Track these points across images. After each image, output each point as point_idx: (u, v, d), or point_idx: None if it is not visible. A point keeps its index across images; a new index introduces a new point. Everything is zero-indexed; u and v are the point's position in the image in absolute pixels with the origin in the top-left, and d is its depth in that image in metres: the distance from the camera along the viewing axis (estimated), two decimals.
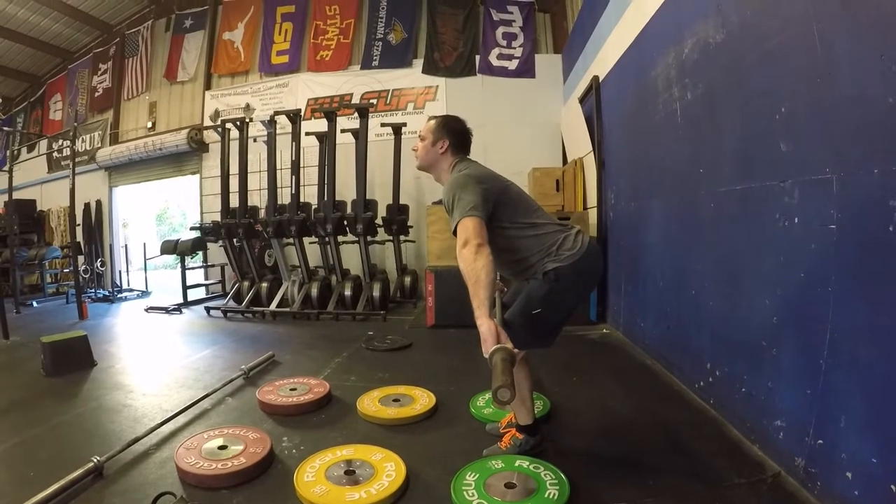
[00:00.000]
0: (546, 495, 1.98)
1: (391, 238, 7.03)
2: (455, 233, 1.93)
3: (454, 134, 2.26)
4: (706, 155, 2.96)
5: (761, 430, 2.31)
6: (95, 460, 2.23)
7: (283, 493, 2.10)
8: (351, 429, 2.77)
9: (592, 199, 5.64)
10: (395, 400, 3.05)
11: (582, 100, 6.06)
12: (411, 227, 7.23)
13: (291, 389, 3.23)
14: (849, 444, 1.75)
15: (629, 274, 4.59)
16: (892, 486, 1.54)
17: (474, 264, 1.77)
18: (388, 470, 2.17)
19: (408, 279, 7.27)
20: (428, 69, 8.27)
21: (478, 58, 8.21)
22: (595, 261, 2.18)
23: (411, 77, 8.33)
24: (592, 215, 5.53)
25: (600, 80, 5.36)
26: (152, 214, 18.87)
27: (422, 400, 3.04)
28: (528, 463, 2.21)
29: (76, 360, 4.07)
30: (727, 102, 2.68)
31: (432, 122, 2.32)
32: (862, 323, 1.73)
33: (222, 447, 2.39)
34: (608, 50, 4.99)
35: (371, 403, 3.01)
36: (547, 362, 3.62)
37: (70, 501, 2.04)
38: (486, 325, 1.66)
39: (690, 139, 3.19)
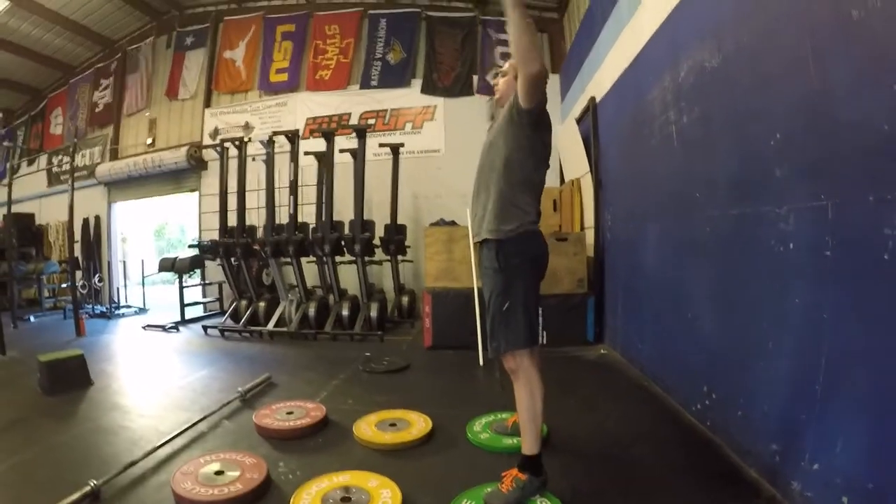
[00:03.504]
0: None
1: (389, 258, 7.04)
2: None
3: None
4: (702, 178, 2.99)
5: (757, 454, 2.31)
6: (92, 484, 2.23)
7: None
8: (347, 454, 2.76)
9: (589, 220, 5.67)
10: (392, 424, 3.04)
11: (579, 120, 6.11)
12: (409, 247, 7.23)
13: (288, 413, 3.21)
14: (845, 468, 1.75)
15: (626, 295, 4.60)
16: None
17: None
18: (384, 497, 2.16)
19: (405, 299, 7.26)
20: (426, 89, 8.36)
21: (475, 78, 8.30)
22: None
23: (410, 97, 8.42)
24: (590, 236, 5.56)
25: (597, 101, 5.42)
26: (151, 229, 18.87)
27: (418, 424, 3.02)
28: None
29: (73, 379, 4.06)
30: (723, 127, 2.70)
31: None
32: (857, 349, 1.74)
33: (219, 472, 2.38)
34: (605, 72, 5.05)
35: (367, 428, 2.99)
36: (543, 383, 3.60)
37: None
38: None
39: (686, 162, 3.22)
